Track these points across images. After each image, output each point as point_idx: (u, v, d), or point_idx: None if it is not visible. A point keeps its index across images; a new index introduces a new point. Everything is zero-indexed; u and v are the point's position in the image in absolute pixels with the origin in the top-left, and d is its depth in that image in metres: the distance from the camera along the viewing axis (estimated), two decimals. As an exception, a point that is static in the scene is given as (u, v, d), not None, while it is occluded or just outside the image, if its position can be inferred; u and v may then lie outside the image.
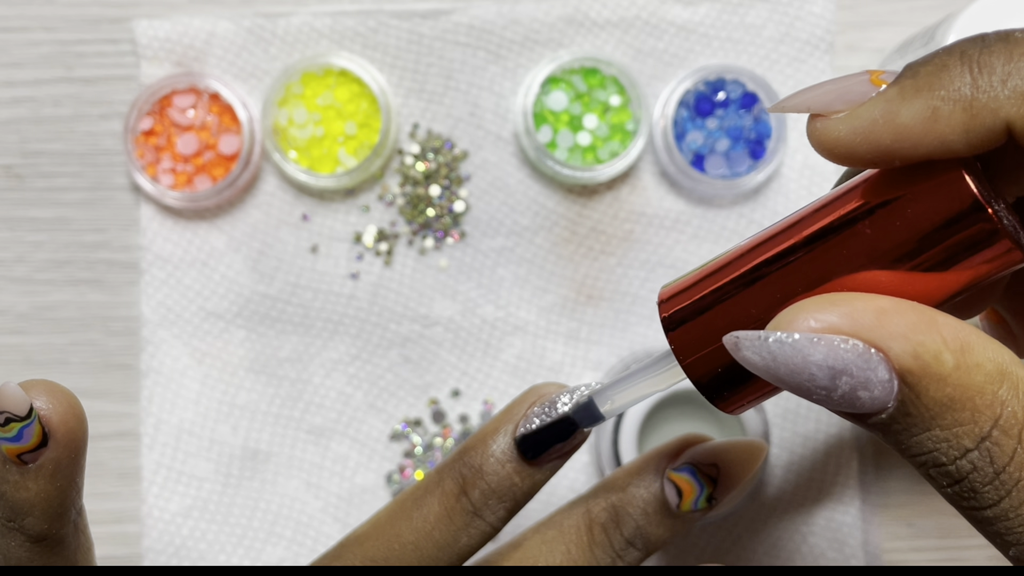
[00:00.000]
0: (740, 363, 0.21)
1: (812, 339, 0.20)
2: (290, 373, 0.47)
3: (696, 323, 0.24)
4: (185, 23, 0.47)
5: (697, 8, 0.47)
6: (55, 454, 0.27)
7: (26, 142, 0.47)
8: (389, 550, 0.27)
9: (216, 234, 0.47)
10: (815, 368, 0.20)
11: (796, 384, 0.20)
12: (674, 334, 0.24)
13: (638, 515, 0.28)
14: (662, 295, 0.25)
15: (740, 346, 0.21)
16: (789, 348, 0.20)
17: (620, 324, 0.47)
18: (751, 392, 0.24)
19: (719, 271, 0.24)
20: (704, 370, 0.24)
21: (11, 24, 0.47)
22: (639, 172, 0.47)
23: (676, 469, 0.28)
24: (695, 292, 0.24)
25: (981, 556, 0.47)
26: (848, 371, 0.19)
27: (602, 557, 0.28)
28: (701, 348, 0.24)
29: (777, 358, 0.20)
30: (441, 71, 0.47)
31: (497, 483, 0.27)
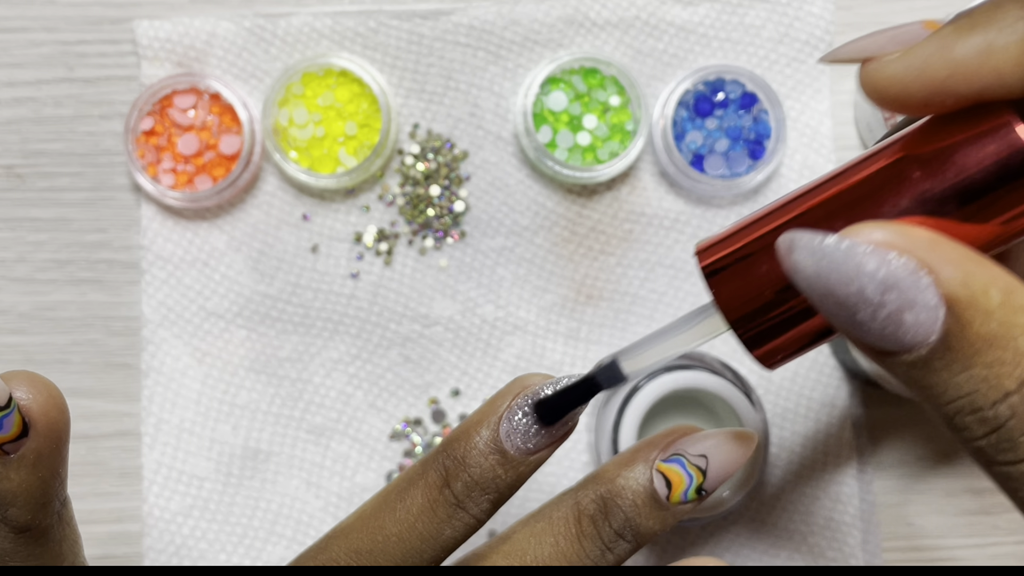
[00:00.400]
0: (789, 269, 0.20)
1: (866, 248, 0.19)
2: (291, 373, 0.47)
3: (737, 268, 0.23)
4: (186, 24, 0.47)
5: (696, 9, 0.47)
6: (36, 444, 0.28)
7: (27, 142, 0.47)
8: (373, 542, 0.27)
9: (217, 234, 0.47)
10: (866, 278, 0.19)
11: (843, 296, 0.20)
12: (714, 280, 0.24)
13: (627, 507, 0.28)
14: (699, 247, 0.25)
15: (794, 247, 0.20)
16: (842, 254, 0.19)
17: (620, 324, 0.47)
18: (793, 341, 0.23)
19: (760, 219, 0.24)
20: (745, 317, 0.23)
21: (12, 24, 0.48)
22: (639, 172, 0.47)
23: (665, 460, 0.28)
24: (735, 240, 0.24)
25: (980, 556, 0.47)
26: (897, 286, 0.19)
27: (591, 549, 0.28)
28: (742, 294, 0.23)
29: (830, 263, 0.19)
30: (441, 71, 0.47)
31: (480, 475, 0.27)
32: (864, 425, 0.47)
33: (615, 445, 0.42)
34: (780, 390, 0.47)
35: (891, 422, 0.47)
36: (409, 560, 0.27)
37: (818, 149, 0.47)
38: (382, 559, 0.27)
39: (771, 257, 0.23)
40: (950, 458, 0.47)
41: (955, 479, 0.47)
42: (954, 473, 0.47)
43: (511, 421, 0.27)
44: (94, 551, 0.47)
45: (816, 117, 0.47)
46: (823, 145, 0.47)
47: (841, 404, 0.47)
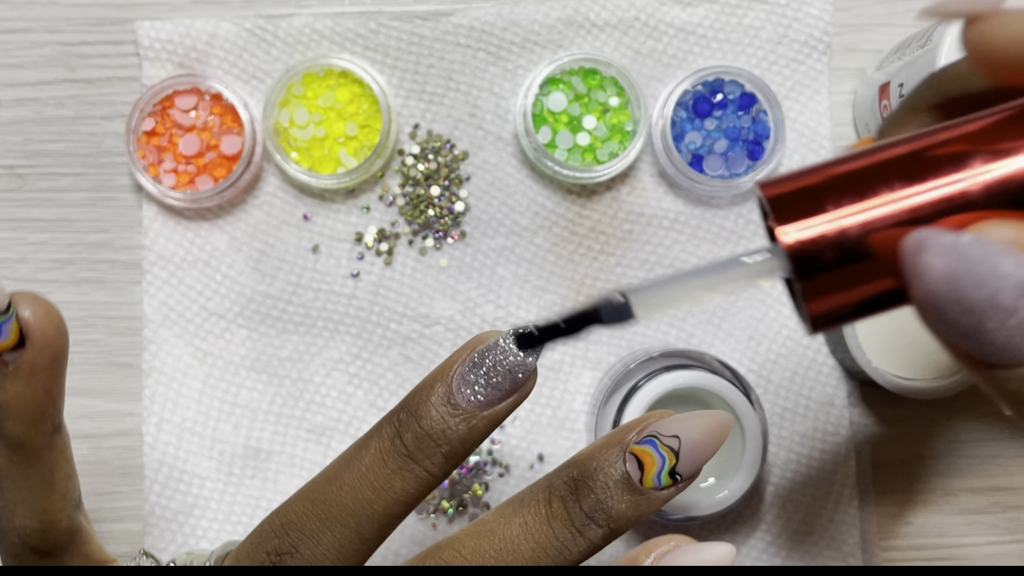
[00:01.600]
0: (911, 270, 0.18)
1: (1002, 249, 0.18)
2: (291, 372, 0.47)
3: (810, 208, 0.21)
4: (187, 25, 0.47)
5: (695, 10, 0.47)
6: (31, 356, 0.29)
7: (29, 143, 0.48)
8: (328, 491, 0.27)
9: (218, 234, 0.47)
10: (1002, 281, 0.18)
11: (974, 302, 0.18)
12: (783, 216, 0.21)
13: (599, 488, 0.27)
14: (763, 180, 0.22)
15: (925, 246, 0.18)
16: (980, 254, 0.18)
17: (619, 323, 0.47)
18: (855, 303, 0.21)
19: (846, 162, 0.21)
20: (813, 264, 0.21)
21: (14, 25, 0.48)
22: (638, 172, 0.48)
23: (639, 442, 0.27)
24: (810, 178, 0.21)
25: (979, 555, 0.47)
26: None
27: (560, 531, 0.27)
28: (815, 239, 0.21)
29: (968, 263, 0.18)
30: (441, 72, 0.47)
31: (430, 426, 0.27)
32: (862, 424, 0.47)
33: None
34: (779, 389, 0.47)
35: (890, 421, 0.47)
36: (360, 510, 0.27)
37: (817, 150, 0.48)
38: (335, 508, 0.27)
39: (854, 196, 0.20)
40: (949, 458, 0.47)
41: (954, 478, 0.47)
42: (953, 472, 0.47)
43: (463, 375, 0.27)
44: (95, 550, 0.47)
45: (815, 118, 0.48)
46: (822, 146, 0.48)
47: (840, 404, 0.47)
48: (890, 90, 0.44)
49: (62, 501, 0.33)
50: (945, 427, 0.47)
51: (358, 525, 0.27)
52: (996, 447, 0.47)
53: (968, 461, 0.47)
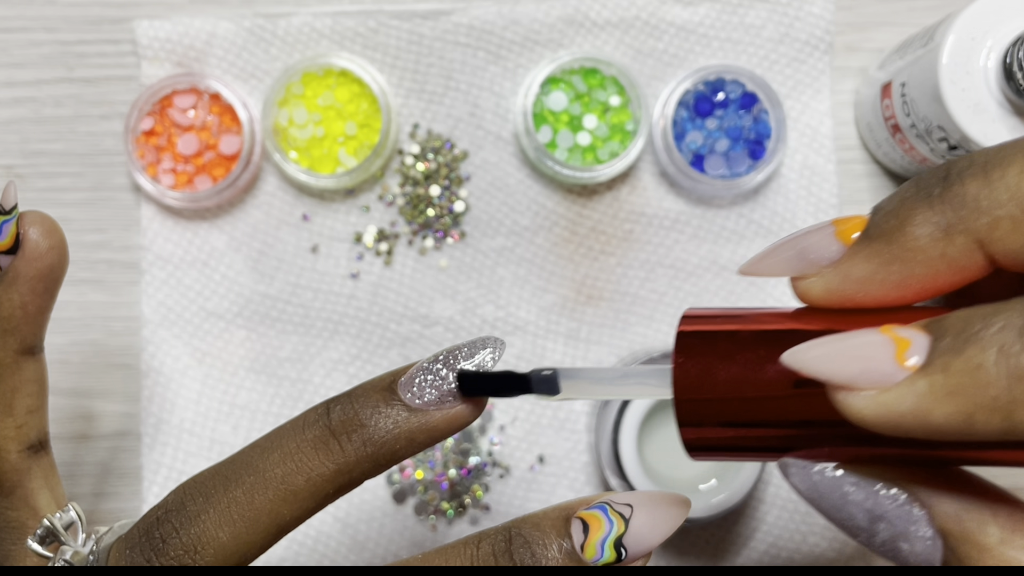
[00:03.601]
0: (787, 480, 0.21)
1: (853, 479, 0.20)
2: (290, 373, 0.47)
3: (710, 355, 0.22)
4: (186, 24, 0.47)
5: (697, 8, 0.47)
6: (18, 263, 0.30)
7: (27, 142, 0.47)
8: (241, 452, 0.26)
9: (216, 234, 0.47)
10: (853, 508, 0.19)
11: (837, 520, 0.20)
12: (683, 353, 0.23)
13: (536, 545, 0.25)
14: (688, 312, 0.24)
15: (788, 471, 0.21)
16: (829, 483, 0.20)
17: (620, 324, 0.47)
18: (725, 449, 0.23)
19: (755, 319, 0.23)
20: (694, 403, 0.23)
21: (12, 24, 0.48)
22: (639, 172, 0.47)
23: (588, 508, 0.25)
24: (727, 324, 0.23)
25: (980, 556, 0.47)
26: (886, 518, 0.19)
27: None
28: (703, 380, 0.22)
29: (819, 491, 0.20)
30: (441, 71, 0.47)
31: (360, 407, 0.26)
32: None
33: (615, 445, 0.42)
34: (780, 390, 0.47)
35: (891, 422, 0.47)
36: (261, 471, 0.26)
37: (818, 149, 0.47)
38: (238, 465, 0.26)
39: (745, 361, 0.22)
40: (950, 458, 0.47)
41: (955, 479, 0.47)
42: (954, 473, 0.47)
43: (412, 373, 0.26)
44: (94, 551, 0.47)
45: (816, 117, 0.47)
46: (823, 145, 0.47)
47: (841, 404, 0.47)
48: (892, 89, 0.43)
49: (15, 432, 0.31)
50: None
51: (252, 484, 0.26)
52: (998, 448, 0.47)
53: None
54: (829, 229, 0.22)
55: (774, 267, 0.23)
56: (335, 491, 0.26)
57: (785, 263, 0.23)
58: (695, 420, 0.23)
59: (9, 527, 0.31)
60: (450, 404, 0.26)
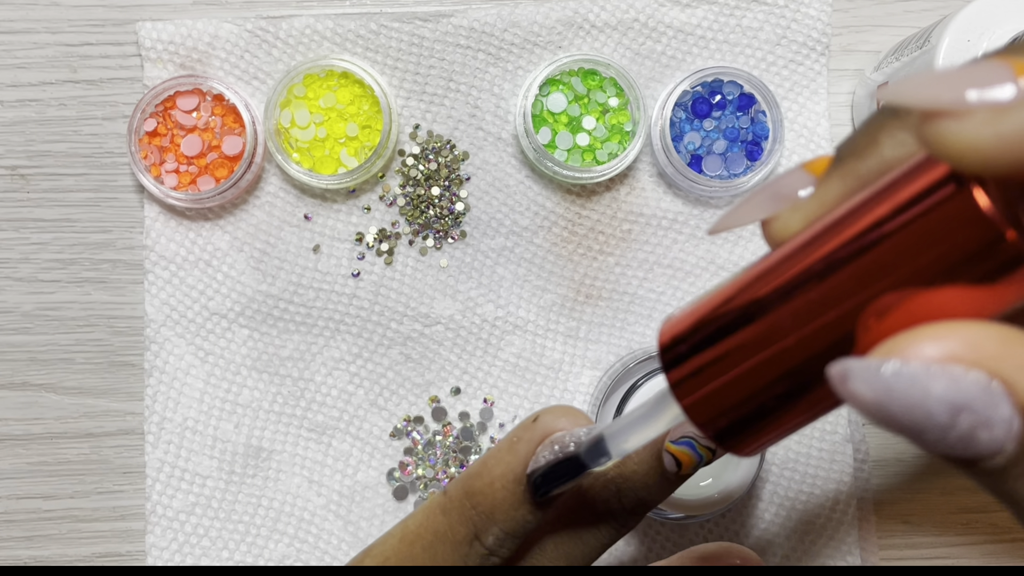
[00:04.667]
0: (842, 395, 0.18)
1: (931, 370, 0.17)
2: (292, 371, 0.47)
3: (700, 358, 0.22)
4: (188, 26, 0.47)
5: (694, 11, 0.48)
6: None
7: (31, 143, 0.48)
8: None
9: (219, 234, 0.47)
10: (934, 403, 0.17)
11: (909, 422, 0.17)
12: (673, 374, 0.22)
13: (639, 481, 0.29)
14: (662, 331, 0.23)
15: (849, 377, 0.18)
16: (907, 380, 0.17)
17: (618, 323, 0.47)
18: (767, 434, 0.22)
19: (728, 296, 0.21)
20: (714, 415, 0.22)
21: (16, 26, 0.48)
22: (637, 173, 0.48)
23: (675, 441, 0.28)
24: (700, 322, 0.22)
25: (976, 553, 0.47)
26: (970, 406, 0.17)
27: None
28: (707, 390, 0.21)
29: (893, 392, 0.17)
30: (442, 73, 0.48)
31: (512, 527, 0.27)
32: (861, 423, 0.47)
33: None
34: (778, 389, 0.47)
35: (888, 420, 0.47)
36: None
37: (815, 150, 0.48)
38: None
39: (735, 351, 0.21)
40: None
41: (952, 478, 0.47)
42: (951, 472, 0.47)
43: (536, 471, 0.26)
44: (97, 548, 0.47)
45: (813, 118, 0.48)
46: (820, 146, 0.48)
47: (838, 403, 0.47)
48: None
49: None
50: (943, 426, 0.48)
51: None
52: (994, 446, 0.47)
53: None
54: (798, 169, 0.22)
55: (747, 214, 0.22)
56: None
57: (758, 206, 0.22)
58: (711, 416, 0.22)
59: None
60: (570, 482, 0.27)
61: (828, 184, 0.21)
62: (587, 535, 0.29)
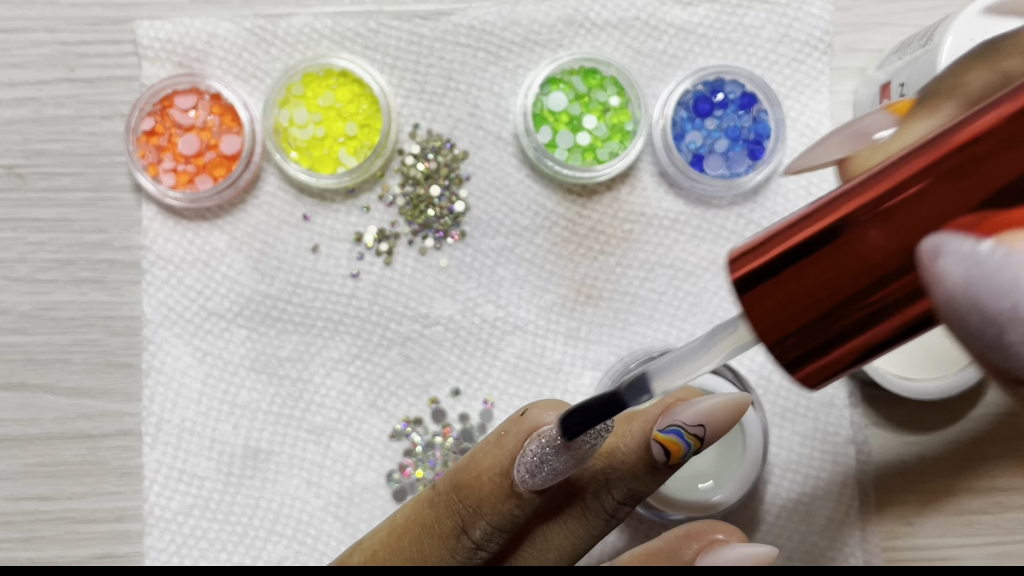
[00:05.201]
0: (928, 276, 0.17)
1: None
2: (291, 372, 0.47)
3: (775, 282, 0.21)
4: (186, 24, 0.47)
5: (696, 9, 0.47)
6: None
7: (28, 142, 0.48)
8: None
9: (217, 234, 0.47)
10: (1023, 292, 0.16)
11: (994, 313, 0.17)
12: (748, 296, 0.21)
13: (628, 479, 0.29)
14: (732, 254, 0.22)
15: (941, 251, 0.17)
16: (1001, 261, 0.16)
17: (619, 323, 0.47)
18: (837, 362, 0.21)
19: (803, 220, 0.21)
20: (788, 338, 0.21)
21: (13, 25, 0.48)
22: (638, 172, 0.48)
23: (663, 430, 0.28)
24: (776, 244, 0.21)
25: (979, 555, 0.47)
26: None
27: (594, 520, 0.29)
28: (781, 316, 0.21)
29: (984, 272, 0.16)
30: (441, 72, 0.47)
31: (499, 521, 0.27)
32: (864, 424, 0.47)
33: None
34: (780, 390, 0.47)
35: (891, 421, 0.47)
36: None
37: (817, 149, 0.47)
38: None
39: (816, 267, 0.20)
40: (949, 458, 0.47)
41: (955, 478, 0.47)
42: (953, 472, 0.47)
43: (524, 464, 0.26)
44: (95, 550, 0.47)
45: (815, 117, 0.48)
46: (822, 145, 0.47)
47: (840, 403, 0.47)
48: (891, 90, 0.44)
49: None
50: (945, 427, 0.47)
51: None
52: (996, 447, 0.47)
53: (968, 461, 0.47)
54: (881, 110, 0.21)
55: (828, 152, 0.22)
56: None
57: (839, 145, 0.21)
58: (797, 358, 0.21)
59: None
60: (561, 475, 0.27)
61: (913, 124, 0.21)
62: (577, 527, 0.29)
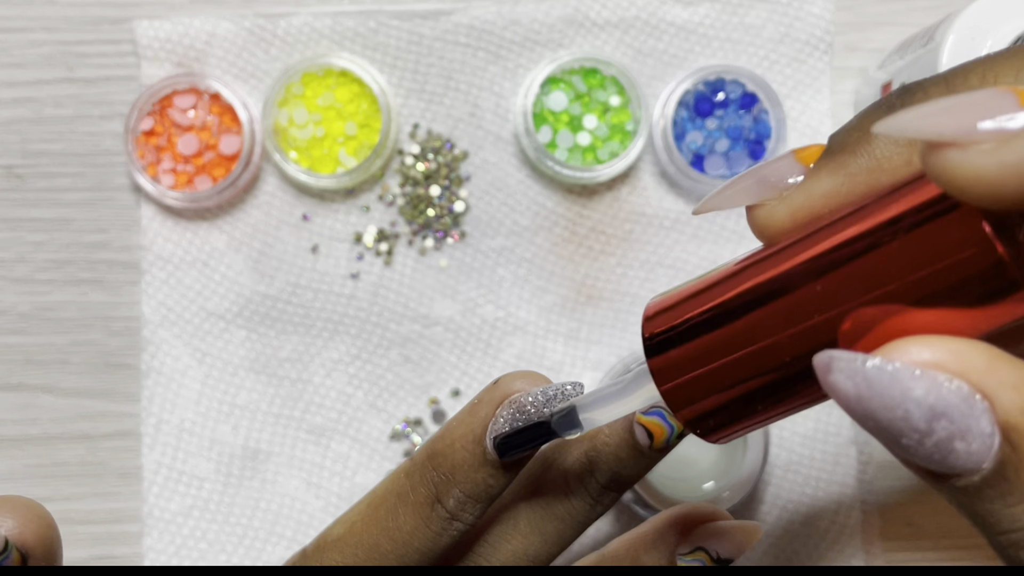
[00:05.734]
0: (824, 386, 0.18)
1: (914, 372, 0.17)
2: (290, 373, 0.47)
3: (684, 348, 0.22)
4: (186, 24, 0.47)
5: (696, 9, 0.47)
6: (35, 564, 0.27)
7: (27, 142, 0.47)
8: (370, 558, 0.28)
9: (217, 234, 0.47)
10: (912, 405, 0.17)
11: (887, 422, 0.18)
12: (655, 360, 0.22)
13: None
14: (648, 310, 0.23)
15: (832, 367, 0.18)
16: (888, 377, 0.17)
17: (620, 324, 0.47)
18: (741, 425, 0.22)
19: (717, 286, 0.22)
20: (692, 404, 0.22)
21: (12, 24, 0.48)
22: (639, 172, 0.47)
23: (646, 413, 0.28)
24: (686, 309, 0.22)
25: (980, 556, 0.47)
26: (948, 414, 0.17)
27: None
28: (687, 379, 0.22)
29: (873, 387, 0.17)
30: (441, 71, 0.47)
31: (472, 489, 0.27)
32: (864, 425, 0.47)
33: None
34: (780, 390, 0.47)
35: (891, 422, 0.47)
36: (408, 558, 0.28)
37: (818, 149, 0.47)
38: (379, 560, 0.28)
39: (726, 336, 0.21)
40: (950, 458, 0.47)
41: (955, 479, 0.47)
42: (954, 473, 0.47)
43: (496, 431, 0.27)
44: (94, 551, 0.47)
45: (816, 117, 0.47)
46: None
47: (841, 404, 0.47)
48: (892, 89, 0.43)
49: None
50: (947, 428, 0.47)
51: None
52: (998, 448, 0.47)
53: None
54: (789, 156, 0.22)
55: (733, 198, 0.22)
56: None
57: (744, 192, 0.22)
58: (688, 402, 0.22)
59: None
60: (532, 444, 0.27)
61: (817, 177, 0.21)
62: (561, 511, 0.29)
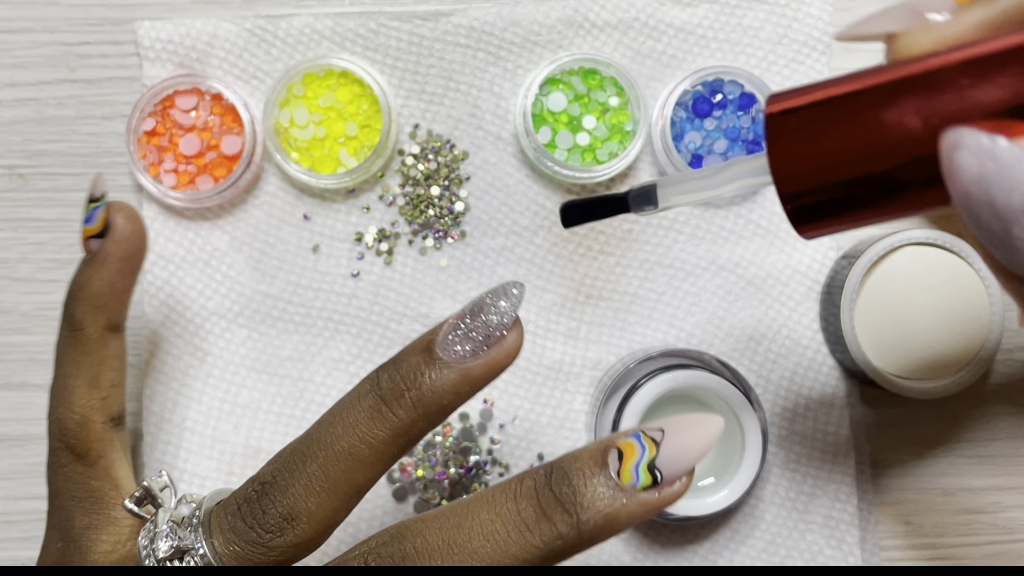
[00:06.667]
0: (946, 166, 0.18)
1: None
2: (292, 372, 0.47)
3: (805, 122, 0.22)
4: (187, 25, 0.47)
5: (695, 10, 0.47)
6: (108, 245, 0.35)
7: (29, 143, 0.48)
8: (311, 430, 0.29)
9: (218, 234, 0.47)
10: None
11: (1003, 206, 0.17)
12: (775, 134, 0.22)
13: (573, 475, 0.27)
14: (774, 93, 0.23)
15: (959, 144, 0.18)
16: (1014, 157, 0.17)
17: (619, 323, 0.47)
18: (838, 224, 0.22)
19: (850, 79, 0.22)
20: (800, 191, 0.22)
21: (14, 25, 0.48)
22: (638, 172, 0.48)
23: (624, 437, 0.27)
24: (814, 92, 0.22)
25: (978, 554, 0.47)
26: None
27: (527, 512, 0.27)
28: (804, 160, 0.22)
29: (998, 167, 0.17)
30: (441, 72, 0.48)
31: (406, 370, 0.28)
32: (862, 424, 0.47)
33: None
34: (779, 389, 0.47)
35: (889, 421, 0.47)
36: (328, 444, 0.28)
37: (816, 149, 0.48)
38: (309, 442, 0.28)
39: (846, 125, 0.21)
40: (949, 457, 0.47)
41: (953, 478, 0.47)
42: (952, 472, 0.47)
43: (446, 331, 0.28)
44: (96, 549, 0.47)
45: (814, 118, 0.48)
46: (821, 145, 0.48)
47: (839, 403, 0.47)
48: (890, 90, 0.44)
49: (100, 403, 0.35)
50: (945, 427, 0.47)
51: (324, 459, 0.28)
52: (996, 447, 0.47)
53: (968, 461, 0.47)
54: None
55: (881, 24, 0.22)
56: (399, 451, 0.29)
57: (893, 19, 0.22)
58: (798, 191, 0.22)
59: (93, 497, 0.33)
60: (485, 353, 0.28)
61: (969, 11, 0.21)
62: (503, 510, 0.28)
